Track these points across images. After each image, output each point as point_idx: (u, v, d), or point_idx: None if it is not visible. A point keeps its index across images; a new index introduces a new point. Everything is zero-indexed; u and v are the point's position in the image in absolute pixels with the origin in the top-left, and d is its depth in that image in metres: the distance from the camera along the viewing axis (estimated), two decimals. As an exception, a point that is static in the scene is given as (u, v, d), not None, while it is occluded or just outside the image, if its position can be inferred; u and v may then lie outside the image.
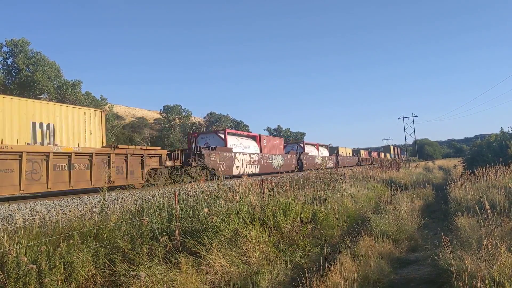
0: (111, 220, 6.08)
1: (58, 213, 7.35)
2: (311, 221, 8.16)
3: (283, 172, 27.08)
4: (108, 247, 5.44)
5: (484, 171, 12.77)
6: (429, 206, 12.56)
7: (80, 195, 13.22)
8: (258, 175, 25.81)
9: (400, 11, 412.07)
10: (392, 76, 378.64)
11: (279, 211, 7.65)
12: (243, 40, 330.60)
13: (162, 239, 5.86)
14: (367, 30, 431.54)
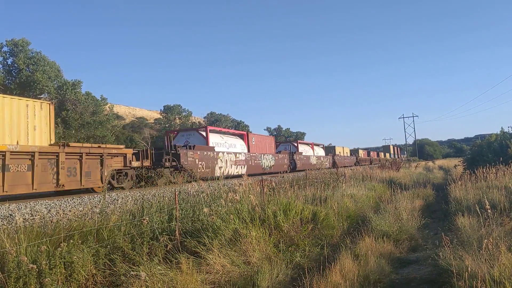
0: (111, 220, 6.08)
1: (59, 213, 7.37)
2: (311, 221, 8.15)
3: (274, 173, 26.13)
4: (108, 247, 5.44)
5: (484, 171, 12.75)
6: (429, 206, 12.56)
7: (80, 195, 13.21)
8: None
9: (400, 11, 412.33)
10: (392, 76, 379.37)
11: (279, 211, 7.65)
12: (243, 40, 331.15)
13: (162, 239, 5.86)
14: (367, 30, 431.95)
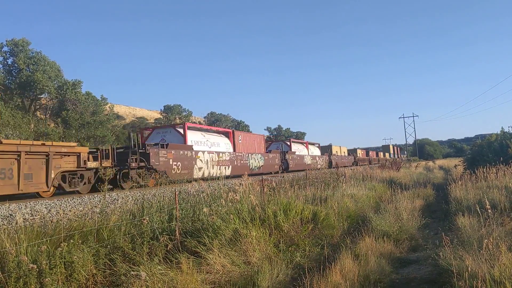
0: (111, 220, 6.08)
1: (59, 212, 7.36)
2: (311, 221, 8.15)
3: (263, 174, 24.41)
4: (108, 246, 5.44)
5: (484, 171, 12.74)
6: (429, 206, 12.55)
7: (80, 195, 13.19)
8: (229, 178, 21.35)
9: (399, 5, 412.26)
10: (392, 76, 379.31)
11: (280, 210, 7.64)
12: (243, 39, 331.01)
13: (162, 239, 5.86)
14: (368, 30, 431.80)
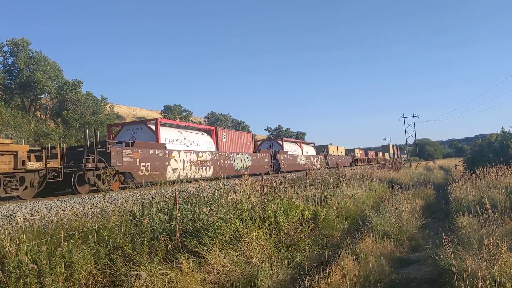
0: (111, 220, 6.08)
1: (59, 212, 7.36)
2: (311, 221, 8.14)
3: (250, 175, 23.59)
4: (108, 246, 5.43)
5: (485, 171, 12.73)
6: (430, 206, 12.55)
7: (81, 195, 13.20)
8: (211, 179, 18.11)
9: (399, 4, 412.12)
10: (392, 76, 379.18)
11: (280, 210, 7.64)
12: (243, 39, 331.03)
13: (162, 239, 5.86)
14: (368, 30, 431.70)
